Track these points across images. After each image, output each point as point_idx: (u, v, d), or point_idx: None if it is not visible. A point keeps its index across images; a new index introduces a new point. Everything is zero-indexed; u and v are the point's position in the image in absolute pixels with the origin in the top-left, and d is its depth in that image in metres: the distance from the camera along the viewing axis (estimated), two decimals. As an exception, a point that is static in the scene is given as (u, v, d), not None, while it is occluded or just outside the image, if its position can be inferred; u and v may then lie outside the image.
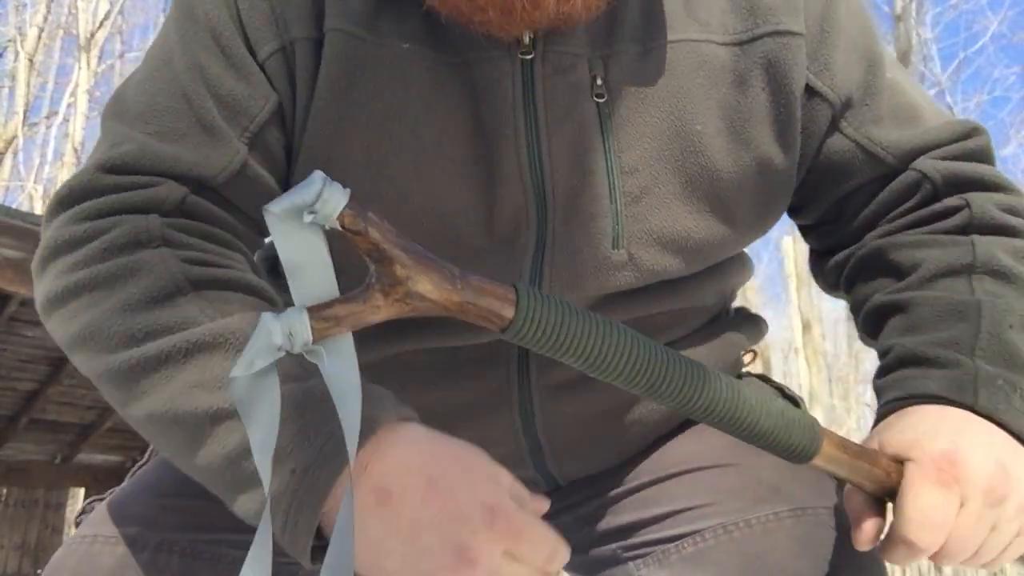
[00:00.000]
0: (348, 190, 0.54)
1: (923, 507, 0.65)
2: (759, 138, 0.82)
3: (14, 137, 14.82)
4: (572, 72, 0.77)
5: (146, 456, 0.92)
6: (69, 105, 15.38)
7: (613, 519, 0.87)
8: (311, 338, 0.55)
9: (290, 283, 0.57)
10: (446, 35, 0.76)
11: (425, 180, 0.76)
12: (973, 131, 0.87)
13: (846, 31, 0.85)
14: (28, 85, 14.54)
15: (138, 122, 0.75)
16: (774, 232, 16.45)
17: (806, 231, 0.95)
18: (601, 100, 0.78)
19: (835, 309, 16.58)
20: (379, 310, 0.57)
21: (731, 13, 0.82)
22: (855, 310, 0.89)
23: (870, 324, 0.85)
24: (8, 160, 15.51)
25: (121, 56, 16.41)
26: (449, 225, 0.76)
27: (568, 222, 0.78)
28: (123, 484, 0.85)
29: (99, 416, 6.13)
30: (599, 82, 0.78)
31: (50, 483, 6.87)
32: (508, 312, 0.58)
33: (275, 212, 0.54)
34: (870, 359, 15.15)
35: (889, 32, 11.76)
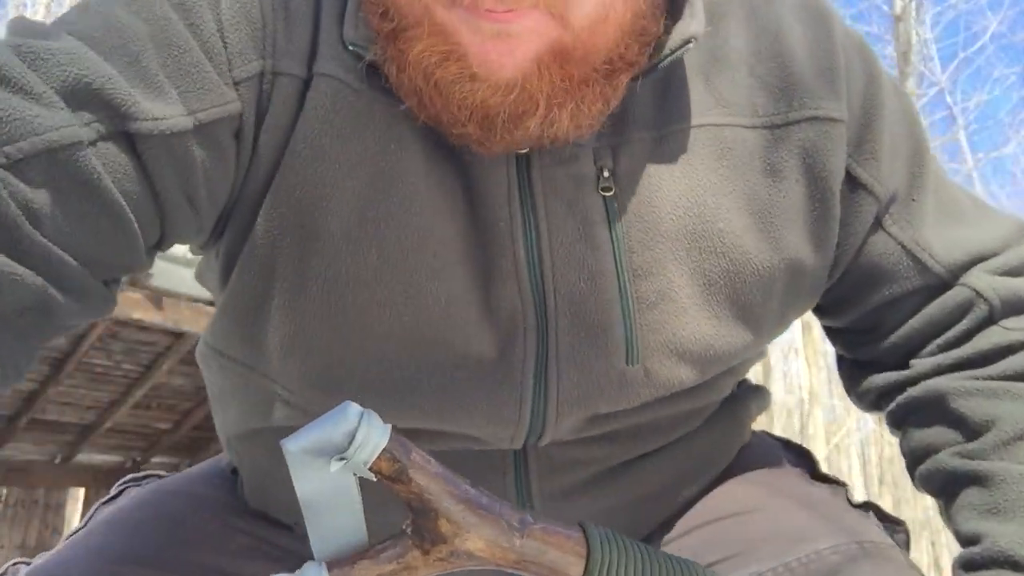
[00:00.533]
0: (388, 427, 0.46)
1: None
2: (791, 236, 0.73)
3: (14, 137, 14.79)
4: (574, 163, 0.69)
5: (84, 520, 0.84)
6: (69, 105, 15.35)
7: None
8: None
9: (308, 526, 0.47)
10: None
11: (413, 266, 0.67)
12: None
13: (891, 116, 0.76)
14: (28, 85, 14.52)
15: (95, 45, 0.62)
16: (774, 232, 16.40)
17: (835, 334, 0.85)
18: (608, 194, 0.70)
19: (835, 309, 16.54)
20: (415, 572, 0.48)
21: (761, 92, 0.72)
22: (910, 457, 0.79)
23: (936, 483, 0.75)
24: (8, 160, 15.49)
25: (121, 56, 16.37)
26: (437, 324, 0.67)
27: (574, 332, 0.69)
28: (57, 549, 0.77)
29: (99, 416, 6.12)
30: (606, 174, 0.70)
31: (50, 483, 6.87)
32: (576, 569, 0.50)
33: (293, 451, 0.44)
34: (870, 359, 15.12)
35: (889, 32, 11.77)
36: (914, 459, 0.79)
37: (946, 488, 0.74)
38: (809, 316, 0.86)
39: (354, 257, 0.67)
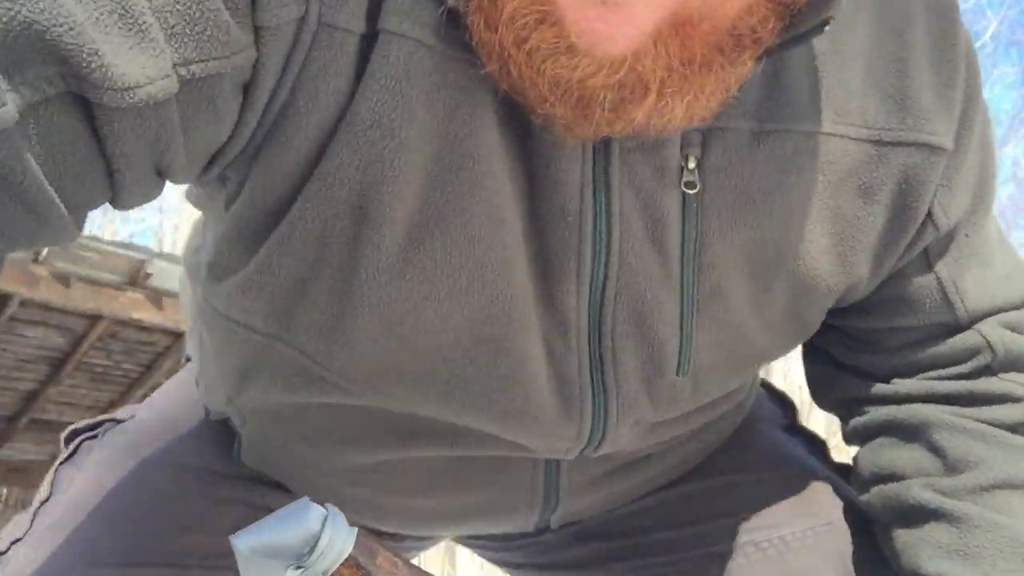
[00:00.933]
0: (355, 531, 0.41)
1: None
2: (862, 260, 0.68)
3: (14, 137, 14.80)
4: (659, 151, 0.59)
5: (50, 486, 0.76)
6: (69, 105, 15.36)
7: (627, 536, 0.82)
8: None
9: None
10: None
11: (479, 258, 0.58)
12: None
13: (977, 141, 0.69)
14: (28, 85, 14.52)
15: None
16: (774, 232, 16.40)
17: (825, 330, 0.77)
18: (691, 191, 0.61)
19: (835, 309, 16.55)
20: None
21: (876, 100, 0.64)
22: (870, 474, 0.76)
23: (895, 509, 0.73)
24: (8, 160, 15.51)
25: (121, 56, 16.36)
26: (496, 321, 0.60)
27: (632, 343, 0.64)
28: (35, 528, 0.72)
29: (99, 416, 6.12)
30: (691, 165, 0.61)
31: (50, 483, 6.87)
32: None
33: (244, 551, 0.39)
34: (870, 359, 15.12)
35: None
36: (873, 477, 0.76)
37: (908, 517, 0.72)
38: None
39: (415, 247, 0.58)
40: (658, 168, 0.59)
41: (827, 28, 0.56)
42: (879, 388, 0.76)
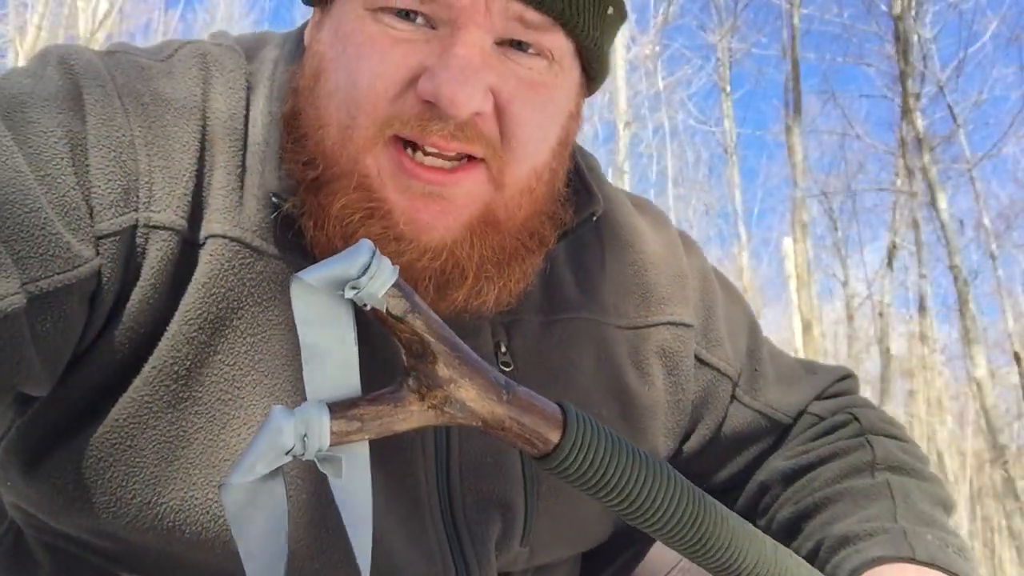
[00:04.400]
0: (396, 267, 0.46)
1: None
2: (652, 427, 0.82)
3: (14, 137, 14.78)
4: (476, 337, 0.71)
5: None
6: (69, 105, 15.33)
7: None
8: (328, 442, 0.46)
9: (306, 371, 0.48)
10: None
11: None
12: (845, 375, 0.96)
13: (723, 302, 0.90)
14: (28, 85, 14.50)
15: None
16: (774, 233, 16.43)
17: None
18: (508, 369, 0.72)
19: (835, 309, 16.58)
20: (411, 416, 0.49)
21: (624, 298, 0.82)
22: (765, 515, 0.90)
23: (785, 529, 0.86)
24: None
25: (121, 56, 16.37)
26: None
27: (479, 509, 0.71)
28: None
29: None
30: (503, 350, 0.73)
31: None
32: (554, 436, 0.51)
33: (307, 280, 0.45)
34: (870, 359, 15.15)
35: (889, 32, 11.77)
36: (763, 515, 0.90)
37: (796, 528, 0.85)
38: (809, 316, 0.95)
39: (242, 427, 0.64)
40: (477, 350, 0.64)
41: (595, 218, 0.76)
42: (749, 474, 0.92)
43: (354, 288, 0.45)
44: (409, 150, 0.63)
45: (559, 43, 0.66)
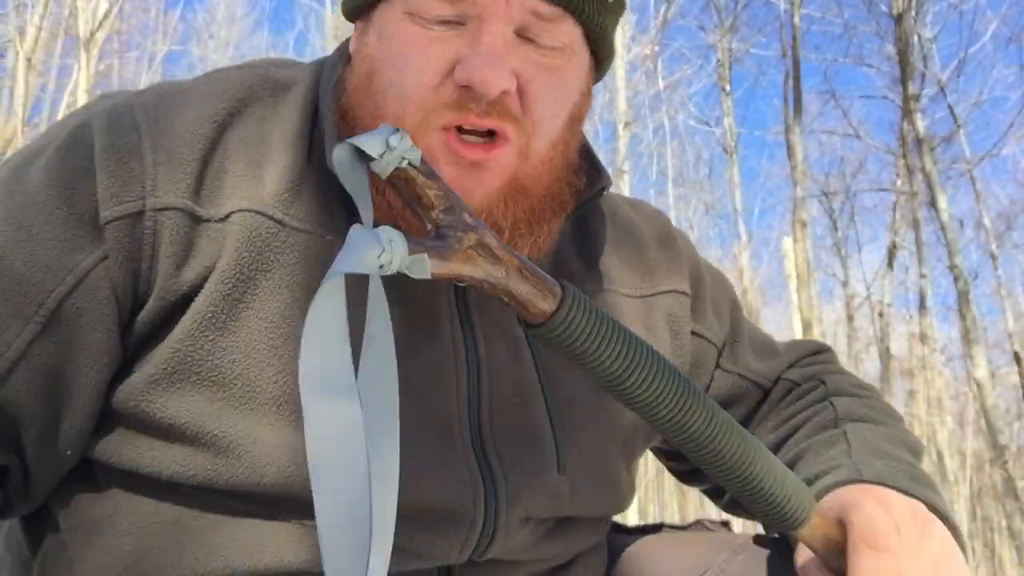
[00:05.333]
0: (419, 152, 0.57)
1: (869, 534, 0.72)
2: None
3: (14, 137, 14.80)
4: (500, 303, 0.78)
5: None
6: (69, 105, 15.36)
7: None
8: (407, 253, 0.53)
9: (359, 206, 0.59)
10: None
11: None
12: (821, 347, 1.08)
13: (710, 283, 1.01)
14: (28, 85, 14.53)
15: None
16: (774, 233, 16.42)
17: (670, 456, 1.06)
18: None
19: (835, 309, 16.58)
20: (457, 253, 0.55)
21: (628, 272, 0.93)
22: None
23: None
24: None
25: (121, 56, 16.40)
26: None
27: (510, 441, 0.79)
28: None
29: (99, 416, 6.09)
30: None
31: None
32: (551, 304, 0.57)
33: (337, 155, 0.54)
34: (870, 359, 15.15)
35: (889, 32, 11.76)
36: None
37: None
38: (809, 316, 0.97)
39: (277, 372, 0.72)
40: (504, 310, 0.81)
41: (605, 192, 0.89)
42: None
43: (382, 154, 0.52)
44: (453, 132, 0.74)
45: (569, 30, 0.78)
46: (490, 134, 0.75)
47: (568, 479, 0.82)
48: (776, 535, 0.90)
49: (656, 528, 1.03)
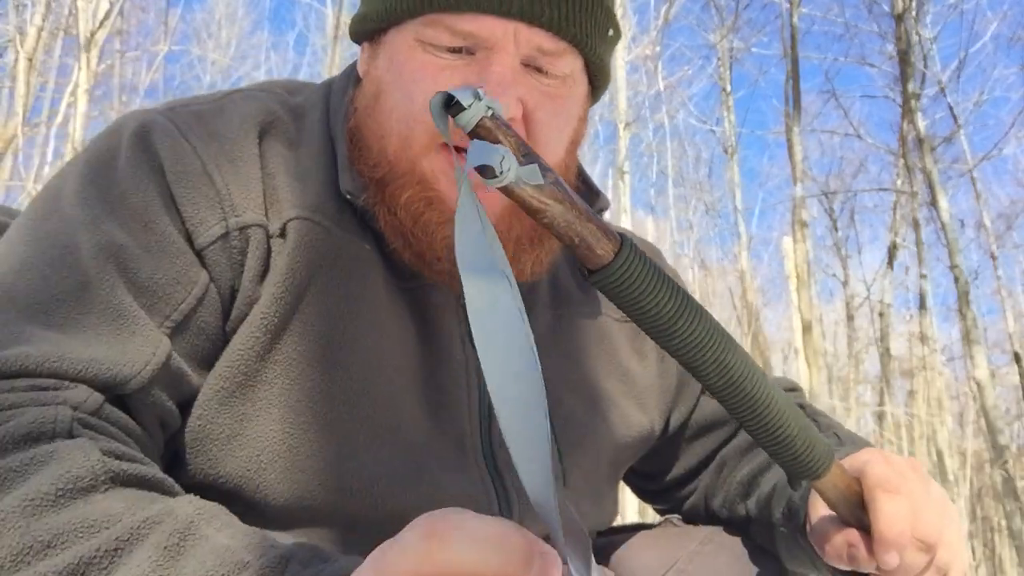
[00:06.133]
0: (500, 104, 0.59)
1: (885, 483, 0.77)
2: (650, 405, 0.97)
3: (14, 137, 14.80)
4: None
5: None
6: (69, 105, 15.36)
7: None
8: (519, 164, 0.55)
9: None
10: (395, 259, 0.81)
11: (382, 383, 0.78)
12: (795, 385, 1.10)
13: None
14: (28, 85, 14.53)
15: (33, 312, 0.64)
16: (774, 233, 16.42)
17: (641, 479, 1.11)
18: None
19: (835, 309, 16.57)
20: (545, 186, 0.57)
21: None
22: (724, 484, 1.03)
23: (744, 484, 0.99)
24: (8, 160, 15.50)
25: (121, 56, 16.39)
26: (401, 437, 0.78)
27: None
28: None
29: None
30: None
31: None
32: (609, 250, 0.58)
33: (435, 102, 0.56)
34: (870, 359, 15.15)
35: (889, 32, 11.76)
36: (725, 488, 1.04)
37: (754, 484, 0.98)
38: (809, 317, 1.01)
39: (329, 374, 0.76)
40: None
41: (602, 213, 0.89)
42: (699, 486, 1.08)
43: (474, 100, 0.54)
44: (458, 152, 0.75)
45: (572, 62, 0.82)
46: None
47: (571, 492, 0.86)
48: (736, 528, 1.00)
49: (629, 528, 1.08)
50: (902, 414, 13.63)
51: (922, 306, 12.68)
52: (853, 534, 0.76)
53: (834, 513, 0.78)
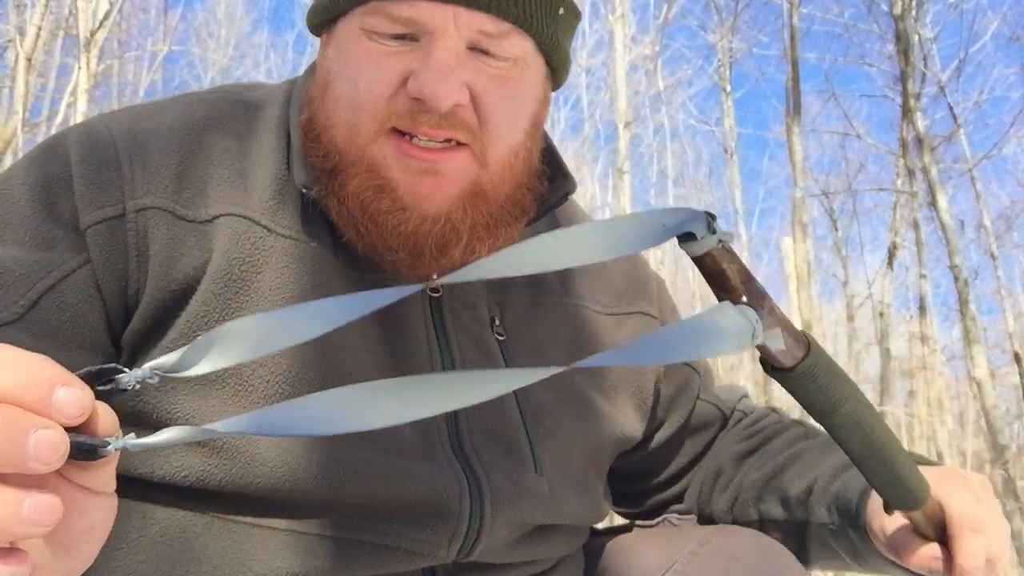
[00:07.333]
0: (731, 234, 0.58)
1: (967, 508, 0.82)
2: (620, 399, 0.96)
3: (13, 137, 14.80)
4: (476, 310, 0.86)
5: None
6: (69, 105, 15.36)
7: None
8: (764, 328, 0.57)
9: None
10: (354, 251, 0.80)
11: (344, 373, 0.76)
12: (745, 394, 1.16)
13: (672, 309, 1.07)
14: (28, 85, 14.53)
15: None
16: (774, 233, 16.41)
17: (622, 481, 1.09)
18: (501, 338, 0.86)
19: (835, 309, 16.57)
20: (773, 322, 0.59)
21: (600, 292, 0.98)
22: (726, 490, 1.05)
23: (756, 488, 1.01)
24: (8, 160, 15.49)
25: (121, 56, 16.38)
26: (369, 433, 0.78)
27: (489, 444, 0.83)
28: None
29: (99, 416, 6.11)
30: (497, 323, 0.87)
31: (50, 483, 6.86)
32: (799, 351, 0.61)
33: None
34: (870, 359, 15.14)
35: (889, 32, 11.76)
36: (724, 488, 1.06)
37: (766, 488, 1.00)
38: (809, 317, 1.03)
39: (281, 368, 0.74)
40: (477, 320, 0.85)
41: (568, 199, 0.89)
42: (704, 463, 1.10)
43: (707, 234, 0.53)
44: (406, 138, 0.77)
45: (519, 43, 0.80)
46: (446, 142, 0.77)
47: (546, 480, 0.85)
48: (738, 527, 1.01)
49: (627, 528, 1.07)
50: (902, 414, 13.62)
51: (922, 306, 12.67)
52: (938, 550, 0.82)
53: (909, 522, 0.83)
